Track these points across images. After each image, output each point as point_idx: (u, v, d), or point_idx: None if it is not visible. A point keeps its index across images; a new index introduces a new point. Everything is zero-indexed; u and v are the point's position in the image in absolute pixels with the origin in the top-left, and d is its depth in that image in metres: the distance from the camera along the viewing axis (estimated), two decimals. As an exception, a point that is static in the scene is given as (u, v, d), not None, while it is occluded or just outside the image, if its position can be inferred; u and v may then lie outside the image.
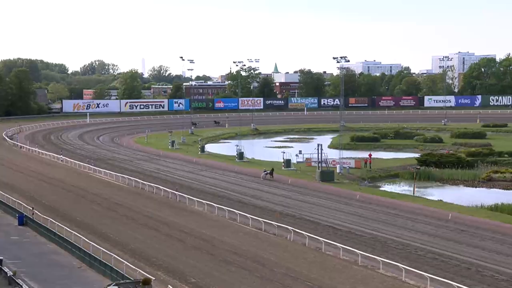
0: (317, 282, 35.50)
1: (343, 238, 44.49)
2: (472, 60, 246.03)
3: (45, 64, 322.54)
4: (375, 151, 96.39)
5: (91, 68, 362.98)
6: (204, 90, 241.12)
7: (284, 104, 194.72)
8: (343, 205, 57.34)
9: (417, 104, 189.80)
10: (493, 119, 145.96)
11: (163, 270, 38.32)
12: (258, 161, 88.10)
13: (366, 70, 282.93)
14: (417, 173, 71.68)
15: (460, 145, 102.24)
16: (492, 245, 42.88)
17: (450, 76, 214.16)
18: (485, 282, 35.21)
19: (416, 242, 43.81)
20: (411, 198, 61.24)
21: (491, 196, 62.96)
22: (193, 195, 59.62)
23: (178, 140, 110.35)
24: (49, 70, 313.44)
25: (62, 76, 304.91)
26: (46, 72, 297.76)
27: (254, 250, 42.28)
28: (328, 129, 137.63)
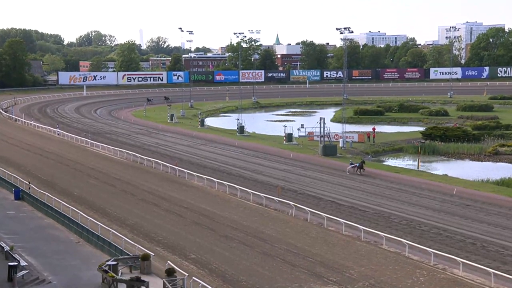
0: (319, 258, 35.74)
1: (345, 214, 44.69)
2: (480, 30, 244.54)
3: (40, 34, 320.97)
4: (379, 124, 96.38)
5: (87, 39, 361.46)
6: (204, 62, 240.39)
7: (285, 76, 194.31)
8: (346, 180, 57.49)
9: (423, 76, 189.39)
10: (501, 91, 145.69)
11: (162, 246, 38.55)
12: (259, 135, 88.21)
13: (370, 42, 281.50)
14: (421, 147, 71.87)
15: (466, 118, 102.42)
16: (497, 220, 43.05)
17: (457, 47, 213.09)
18: (491, 257, 35.42)
19: (420, 217, 43.99)
20: (415, 173, 61.39)
21: (497, 170, 63.22)
22: (193, 170, 59.76)
23: (177, 113, 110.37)
24: (44, 41, 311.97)
25: (57, 47, 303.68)
26: (41, 43, 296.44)
27: (255, 226, 42.49)
28: (330, 102, 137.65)
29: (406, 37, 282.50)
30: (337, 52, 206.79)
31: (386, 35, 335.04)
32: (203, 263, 35.33)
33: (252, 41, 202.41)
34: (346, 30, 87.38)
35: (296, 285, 31.87)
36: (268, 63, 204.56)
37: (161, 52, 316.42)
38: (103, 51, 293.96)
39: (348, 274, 33.21)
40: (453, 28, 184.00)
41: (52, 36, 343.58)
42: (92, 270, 33.17)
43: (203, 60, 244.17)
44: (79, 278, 33.12)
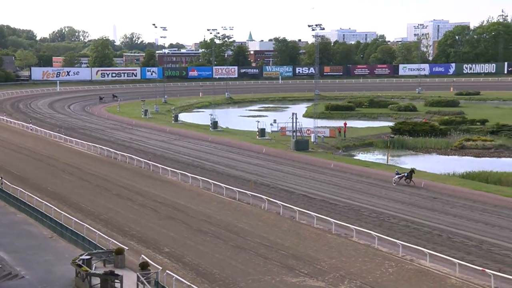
0: (291, 251, 35.91)
1: (317, 207, 44.91)
2: (446, 28, 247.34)
3: (11, 30, 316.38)
4: (349, 120, 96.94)
5: (60, 35, 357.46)
6: (178, 58, 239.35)
7: (258, 72, 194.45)
8: (317, 174, 57.77)
9: (392, 73, 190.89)
10: (466, 87, 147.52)
11: (136, 240, 38.38)
12: (232, 130, 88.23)
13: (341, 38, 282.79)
14: (391, 142, 72.34)
15: (434, 113, 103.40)
16: (463, 212, 43.64)
17: (425, 44, 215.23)
18: (456, 248, 35.93)
19: (390, 210, 44.41)
20: (384, 167, 61.86)
21: (463, 164, 63.84)
22: (167, 165, 59.57)
23: (151, 109, 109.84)
24: (16, 36, 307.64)
25: (30, 42, 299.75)
26: (13, 38, 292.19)
27: (229, 220, 42.52)
28: (303, 98, 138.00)
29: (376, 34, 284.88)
30: (309, 48, 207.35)
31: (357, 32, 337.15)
32: (177, 257, 35.27)
33: (225, 38, 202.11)
34: (317, 27, 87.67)
35: (269, 277, 32.00)
36: (241, 59, 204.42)
37: (134, 48, 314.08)
38: (76, 47, 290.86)
39: (319, 266, 33.44)
40: (421, 25, 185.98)
41: (24, 31, 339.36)
42: (66, 264, 32.89)
43: (176, 56, 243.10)
44: (53, 273, 32.81)
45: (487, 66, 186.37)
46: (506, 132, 79.57)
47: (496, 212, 43.57)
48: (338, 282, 31.23)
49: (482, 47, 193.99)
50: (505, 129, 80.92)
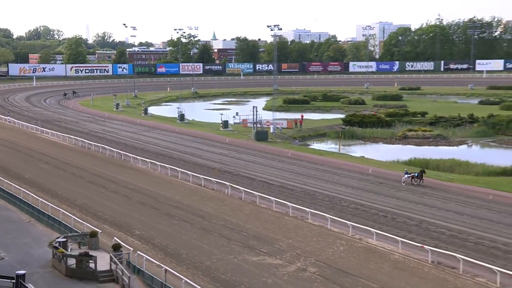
0: (252, 232, 36.05)
1: (276, 192, 45.08)
2: (391, 29, 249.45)
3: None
4: (305, 112, 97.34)
5: (36, 34, 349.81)
6: (147, 55, 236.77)
7: (222, 69, 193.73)
8: (276, 162, 57.98)
9: (343, 69, 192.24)
10: (409, 83, 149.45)
11: (109, 224, 38.05)
12: (198, 122, 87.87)
13: (297, 38, 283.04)
14: (342, 133, 72.95)
15: (380, 106, 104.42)
16: (405, 195, 44.31)
17: (372, 43, 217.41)
18: (399, 227, 36.48)
19: (341, 194, 44.85)
20: (336, 155, 62.37)
21: (406, 151, 64.55)
22: (137, 154, 59.09)
23: (122, 102, 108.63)
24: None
25: (7, 40, 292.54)
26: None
27: (195, 204, 42.44)
28: (262, 92, 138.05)
29: (328, 34, 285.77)
30: (268, 47, 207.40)
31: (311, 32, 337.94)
32: (147, 239, 35.09)
33: (191, 37, 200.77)
34: (275, 27, 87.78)
35: (231, 256, 32.08)
36: (206, 57, 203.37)
37: (106, 46, 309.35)
38: (51, 45, 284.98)
39: (277, 246, 33.64)
40: (369, 27, 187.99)
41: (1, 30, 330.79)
42: (43, 247, 32.48)
43: (146, 54, 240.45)
44: (31, 255, 32.35)
45: (426, 64, 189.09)
46: (443, 123, 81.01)
47: (434, 195, 44.40)
48: (295, 260, 31.49)
49: (421, 47, 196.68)
50: (442, 121, 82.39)
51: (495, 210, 40.09)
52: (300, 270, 30.16)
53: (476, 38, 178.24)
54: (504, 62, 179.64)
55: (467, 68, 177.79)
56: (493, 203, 41.76)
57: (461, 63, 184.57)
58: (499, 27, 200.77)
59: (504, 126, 76.23)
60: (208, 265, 30.94)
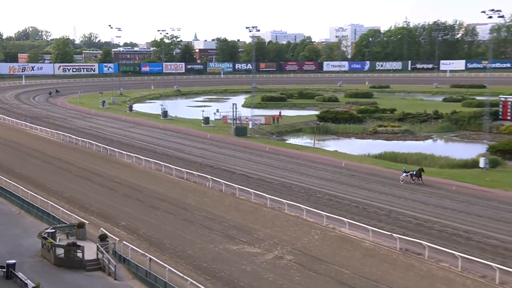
0: (232, 223, 36.03)
1: (254, 185, 45.05)
2: (362, 31, 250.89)
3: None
4: (282, 109, 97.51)
5: (25, 34, 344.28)
6: (132, 55, 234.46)
7: (203, 68, 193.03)
8: (254, 156, 57.97)
9: (317, 69, 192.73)
10: (379, 81, 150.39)
11: (96, 215, 37.74)
12: (180, 119, 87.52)
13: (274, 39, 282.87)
14: (317, 128, 73.22)
15: (352, 103, 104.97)
16: (376, 187, 44.59)
17: (344, 44, 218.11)
18: (370, 217, 36.72)
19: (316, 186, 44.98)
20: (311, 149, 62.56)
21: (376, 146, 64.96)
22: (123, 149, 58.64)
23: (108, 100, 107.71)
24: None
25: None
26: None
27: (178, 197, 42.28)
28: (241, 90, 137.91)
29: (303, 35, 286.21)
30: (247, 47, 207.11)
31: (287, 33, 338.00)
32: (132, 229, 34.89)
33: (173, 38, 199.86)
34: (254, 29, 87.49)
35: (212, 245, 32.04)
36: (188, 57, 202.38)
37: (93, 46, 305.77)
38: (40, 45, 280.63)
39: (256, 235, 33.67)
40: (341, 28, 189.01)
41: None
42: (33, 237, 32.15)
43: (130, 54, 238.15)
44: (21, 245, 32.02)
45: (394, 64, 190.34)
46: (410, 119, 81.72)
47: (402, 187, 44.73)
48: (272, 248, 31.55)
49: (390, 48, 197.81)
50: (409, 117, 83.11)
51: (457, 200, 40.57)
52: (277, 258, 30.22)
53: (440, 40, 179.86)
54: (465, 62, 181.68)
55: (432, 68, 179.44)
56: (456, 194, 42.26)
57: (426, 63, 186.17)
58: (460, 30, 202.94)
59: (466, 122, 77.15)
60: (191, 254, 30.86)
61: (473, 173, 48.27)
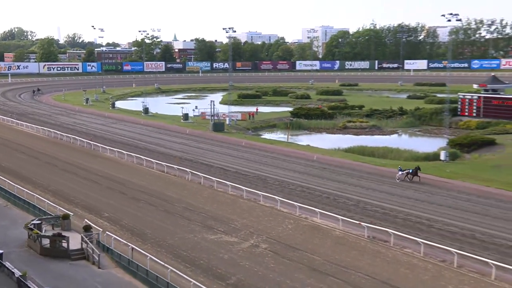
0: (210, 213, 35.99)
1: (231, 177, 44.99)
2: (332, 32, 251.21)
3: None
4: (257, 106, 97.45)
5: (10, 34, 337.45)
6: (114, 55, 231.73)
7: (182, 67, 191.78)
8: (231, 150, 57.90)
9: (291, 68, 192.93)
10: (348, 80, 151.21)
11: (80, 207, 37.35)
12: (161, 115, 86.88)
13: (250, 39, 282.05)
14: (290, 124, 73.34)
15: (324, 100, 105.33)
16: (345, 179, 44.93)
17: (316, 45, 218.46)
18: (339, 207, 37.00)
19: (289, 178, 45.12)
20: (285, 144, 62.69)
21: (346, 140, 65.23)
22: (106, 144, 58.04)
23: (91, 97, 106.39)
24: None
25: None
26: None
27: (159, 189, 42.06)
28: (219, 88, 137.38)
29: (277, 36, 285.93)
30: (224, 47, 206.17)
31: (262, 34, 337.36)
32: (115, 220, 34.63)
33: (154, 38, 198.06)
34: (230, 29, 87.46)
35: (192, 235, 31.97)
36: (168, 56, 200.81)
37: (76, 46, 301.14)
38: (25, 45, 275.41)
39: (233, 225, 33.69)
40: (313, 30, 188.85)
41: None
42: (19, 229, 31.71)
43: (113, 53, 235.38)
44: (8, 236, 31.53)
45: (362, 63, 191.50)
46: (377, 115, 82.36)
47: (370, 178, 45.18)
48: (248, 237, 31.61)
49: (358, 48, 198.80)
50: (377, 113, 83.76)
51: (420, 191, 41.10)
52: (253, 246, 30.29)
53: (404, 41, 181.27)
54: (427, 62, 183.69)
55: (397, 67, 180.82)
56: (419, 184, 42.75)
57: (392, 62, 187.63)
58: (423, 31, 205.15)
59: (428, 118, 78.06)
60: (171, 243, 30.75)
61: (435, 165, 48.93)
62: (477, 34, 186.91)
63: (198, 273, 26.60)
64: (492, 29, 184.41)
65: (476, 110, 75.68)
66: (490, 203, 37.58)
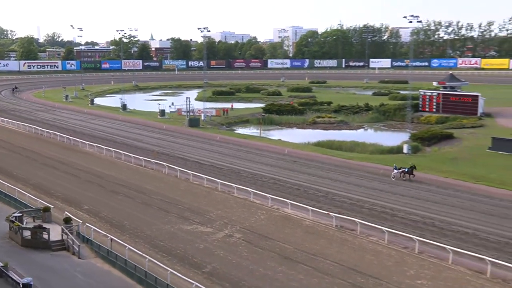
0: (186, 205, 35.83)
1: (207, 171, 44.84)
2: (302, 32, 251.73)
3: None
4: (231, 102, 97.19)
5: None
6: (93, 53, 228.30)
7: (159, 65, 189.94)
8: (206, 145, 57.68)
9: (263, 66, 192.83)
10: (317, 77, 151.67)
11: (60, 200, 36.77)
12: (138, 111, 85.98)
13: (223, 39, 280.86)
14: (262, 119, 73.36)
15: (294, 97, 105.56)
16: (315, 171, 45.19)
17: (286, 44, 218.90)
18: (309, 198, 37.16)
19: (262, 171, 45.16)
20: (258, 138, 62.70)
21: (315, 135, 65.48)
22: (85, 139, 57.22)
23: (71, 94, 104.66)
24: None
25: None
26: None
27: (137, 182, 41.66)
28: (194, 85, 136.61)
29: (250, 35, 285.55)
30: (199, 46, 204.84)
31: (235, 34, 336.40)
32: (95, 212, 34.19)
33: (131, 37, 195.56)
34: (205, 29, 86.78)
35: (169, 226, 31.79)
36: (145, 55, 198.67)
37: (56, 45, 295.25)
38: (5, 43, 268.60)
39: (208, 216, 33.60)
40: (283, 30, 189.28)
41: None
42: (1, 221, 31.10)
43: (91, 52, 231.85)
44: (-10, 230, 30.84)
45: (331, 62, 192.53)
46: (345, 111, 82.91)
47: (337, 170, 45.53)
48: (223, 227, 31.57)
49: (327, 47, 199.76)
50: (344, 109, 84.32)
51: (385, 182, 41.60)
52: (227, 236, 30.27)
53: (370, 41, 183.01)
54: (391, 61, 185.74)
55: (363, 66, 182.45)
56: (383, 176, 43.30)
57: (358, 61, 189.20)
58: (386, 32, 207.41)
59: (392, 113, 78.99)
60: (149, 234, 30.52)
61: (398, 158, 49.50)
62: (436, 35, 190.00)
63: (175, 262, 26.47)
64: (450, 31, 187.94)
65: (436, 106, 76.91)
66: (448, 193, 38.28)
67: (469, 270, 25.22)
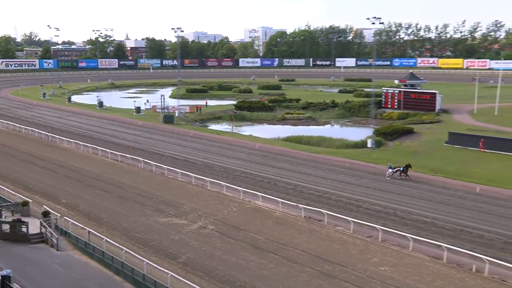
0: (161, 198, 35.58)
1: (181, 165, 44.62)
2: (271, 32, 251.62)
3: None
4: (204, 100, 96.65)
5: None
6: (69, 52, 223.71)
7: (134, 64, 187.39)
8: (181, 140, 57.31)
9: (234, 65, 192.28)
10: (286, 76, 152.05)
11: (39, 194, 36.05)
12: (114, 108, 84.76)
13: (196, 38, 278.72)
14: (234, 116, 73.20)
15: (264, 94, 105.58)
16: (284, 165, 45.40)
17: (257, 44, 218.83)
18: (279, 190, 37.35)
19: (234, 165, 45.15)
20: (230, 134, 62.57)
21: (285, 130, 65.64)
22: (63, 136, 56.18)
23: (48, 92, 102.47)
24: None
25: None
26: None
27: (114, 177, 41.14)
28: (169, 83, 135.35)
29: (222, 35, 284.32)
30: (173, 46, 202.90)
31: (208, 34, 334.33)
32: (73, 206, 33.64)
33: (107, 37, 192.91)
34: (178, 29, 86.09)
35: (145, 218, 31.51)
36: (121, 54, 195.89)
37: (33, 44, 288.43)
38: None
39: (182, 209, 33.43)
40: (254, 30, 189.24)
41: None
42: (-21, 218, 30.16)
43: (68, 51, 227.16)
44: (-32, 225, 29.95)
45: (299, 61, 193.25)
46: (312, 108, 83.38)
47: (306, 164, 45.86)
48: (197, 220, 31.46)
49: (295, 47, 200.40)
50: (312, 106, 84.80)
51: (350, 175, 42.11)
52: (201, 228, 30.18)
53: (335, 41, 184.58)
54: (355, 60, 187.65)
55: (329, 64, 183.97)
56: (349, 169, 43.84)
57: (325, 60, 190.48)
58: (351, 33, 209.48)
59: (357, 110, 79.76)
60: (125, 226, 30.19)
61: (363, 152, 50.17)
62: (397, 36, 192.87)
63: (151, 253, 26.27)
64: (409, 32, 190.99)
65: (397, 103, 78.04)
66: (409, 184, 38.96)
67: (427, 256, 25.76)
